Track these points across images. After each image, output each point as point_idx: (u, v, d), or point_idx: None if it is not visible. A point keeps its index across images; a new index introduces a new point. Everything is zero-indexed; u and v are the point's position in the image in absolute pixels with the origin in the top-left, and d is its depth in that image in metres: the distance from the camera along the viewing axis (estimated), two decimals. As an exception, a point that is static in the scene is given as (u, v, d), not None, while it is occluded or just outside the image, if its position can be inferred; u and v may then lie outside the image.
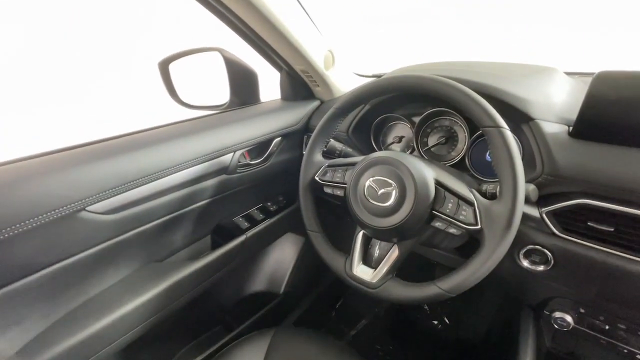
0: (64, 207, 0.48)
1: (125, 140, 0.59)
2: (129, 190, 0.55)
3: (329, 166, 0.62)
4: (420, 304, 0.77)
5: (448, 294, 0.46)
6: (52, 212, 0.47)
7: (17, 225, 0.44)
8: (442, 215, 0.48)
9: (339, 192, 0.59)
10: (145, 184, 0.57)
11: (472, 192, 0.48)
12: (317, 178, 0.62)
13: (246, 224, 0.80)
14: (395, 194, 0.49)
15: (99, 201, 0.52)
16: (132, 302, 0.59)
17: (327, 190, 0.61)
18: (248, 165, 0.75)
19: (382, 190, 0.51)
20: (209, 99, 0.84)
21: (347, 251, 0.57)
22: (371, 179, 0.52)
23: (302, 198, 0.63)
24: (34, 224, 0.45)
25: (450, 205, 0.48)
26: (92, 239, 0.54)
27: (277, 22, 0.61)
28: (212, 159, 0.67)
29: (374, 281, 0.52)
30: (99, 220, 0.53)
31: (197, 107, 0.85)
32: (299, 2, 0.65)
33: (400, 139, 0.79)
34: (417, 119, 0.71)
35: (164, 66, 0.81)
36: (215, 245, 0.75)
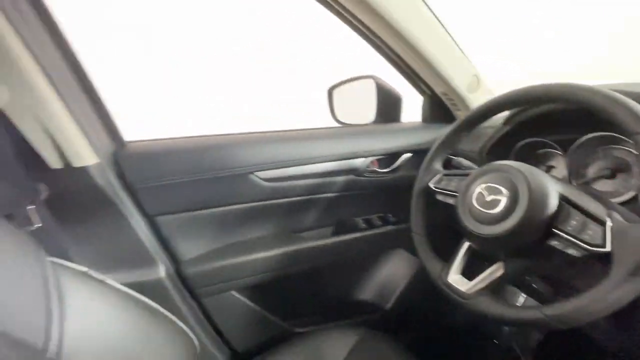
0: (244, 166, 0.71)
1: (291, 133, 0.81)
2: (285, 167, 0.75)
3: (445, 174, 0.63)
4: (515, 325, 0.61)
5: (551, 322, 0.39)
6: (234, 169, 0.71)
7: (211, 172, 0.69)
8: (562, 234, 0.41)
9: (451, 201, 0.59)
10: (297, 165, 0.76)
11: (610, 213, 0.40)
12: (431, 185, 0.64)
13: (364, 225, 0.88)
14: (505, 202, 0.47)
15: (263, 170, 0.74)
16: (264, 253, 0.78)
17: (439, 197, 0.62)
18: (375, 172, 0.85)
19: (491, 197, 0.49)
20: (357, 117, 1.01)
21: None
22: (482, 185, 0.51)
23: (414, 202, 0.66)
24: (223, 174, 0.70)
25: (574, 222, 0.41)
26: (253, 197, 0.76)
27: (419, 45, 0.69)
28: (346, 158, 0.81)
29: (467, 292, 0.49)
30: (261, 184, 0.75)
31: (350, 125, 1.03)
32: (443, 26, 0.71)
33: (549, 168, 0.69)
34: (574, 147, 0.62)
35: (330, 91, 1.04)
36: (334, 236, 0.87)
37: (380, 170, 0.86)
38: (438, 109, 0.88)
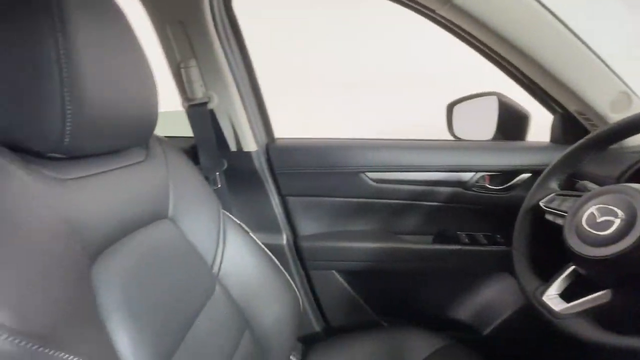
0: (356, 166, 0.85)
1: (399, 142, 0.90)
2: (390, 171, 0.85)
3: (559, 194, 0.60)
4: (612, 353, 0.50)
5: None
6: (349, 167, 0.85)
7: (330, 168, 0.86)
8: None
9: (560, 222, 0.57)
10: (402, 171, 0.85)
11: None
12: (541, 204, 0.62)
13: (467, 241, 0.88)
14: (618, 224, 0.44)
15: (372, 171, 0.85)
16: (366, 244, 0.89)
17: (548, 217, 0.60)
18: (484, 188, 0.84)
19: (603, 218, 0.46)
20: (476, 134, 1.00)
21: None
22: (595, 206, 0.48)
23: (520, 219, 0.65)
24: (340, 170, 0.85)
25: None
26: (362, 194, 0.88)
27: (544, 60, 0.67)
28: (454, 171, 0.84)
29: (561, 312, 0.48)
30: (368, 183, 0.87)
31: (467, 140, 1.04)
32: (578, 38, 0.66)
33: None
34: None
35: (450, 107, 1.07)
36: None
37: (491, 186, 0.84)
38: (572, 129, 0.80)
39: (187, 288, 0.57)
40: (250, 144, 0.84)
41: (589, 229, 0.47)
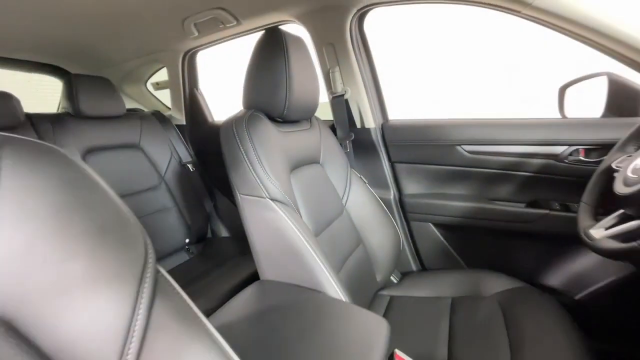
0: (452, 140, 1.07)
1: (488, 120, 1.06)
2: (482, 144, 1.03)
3: (629, 156, 0.69)
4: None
5: None
6: (445, 141, 1.07)
7: (430, 142, 1.09)
8: None
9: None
10: (493, 144, 1.02)
11: None
12: (613, 165, 0.71)
13: (558, 208, 0.97)
14: None
15: (467, 144, 1.05)
16: (459, 203, 1.09)
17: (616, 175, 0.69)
18: (579, 161, 0.92)
19: None
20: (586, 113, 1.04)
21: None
22: None
23: (594, 177, 0.74)
24: (439, 144, 1.09)
25: None
26: (457, 162, 1.09)
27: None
28: (547, 144, 0.95)
29: (599, 238, 0.61)
30: (463, 154, 1.07)
31: (562, 118, 1.08)
32: None
33: None
34: None
35: (562, 90, 1.12)
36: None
37: (585, 159, 0.92)
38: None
39: (328, 203, 0.95)
40: (370, 123, 1.18)
41: (631, 175, 0.60)
